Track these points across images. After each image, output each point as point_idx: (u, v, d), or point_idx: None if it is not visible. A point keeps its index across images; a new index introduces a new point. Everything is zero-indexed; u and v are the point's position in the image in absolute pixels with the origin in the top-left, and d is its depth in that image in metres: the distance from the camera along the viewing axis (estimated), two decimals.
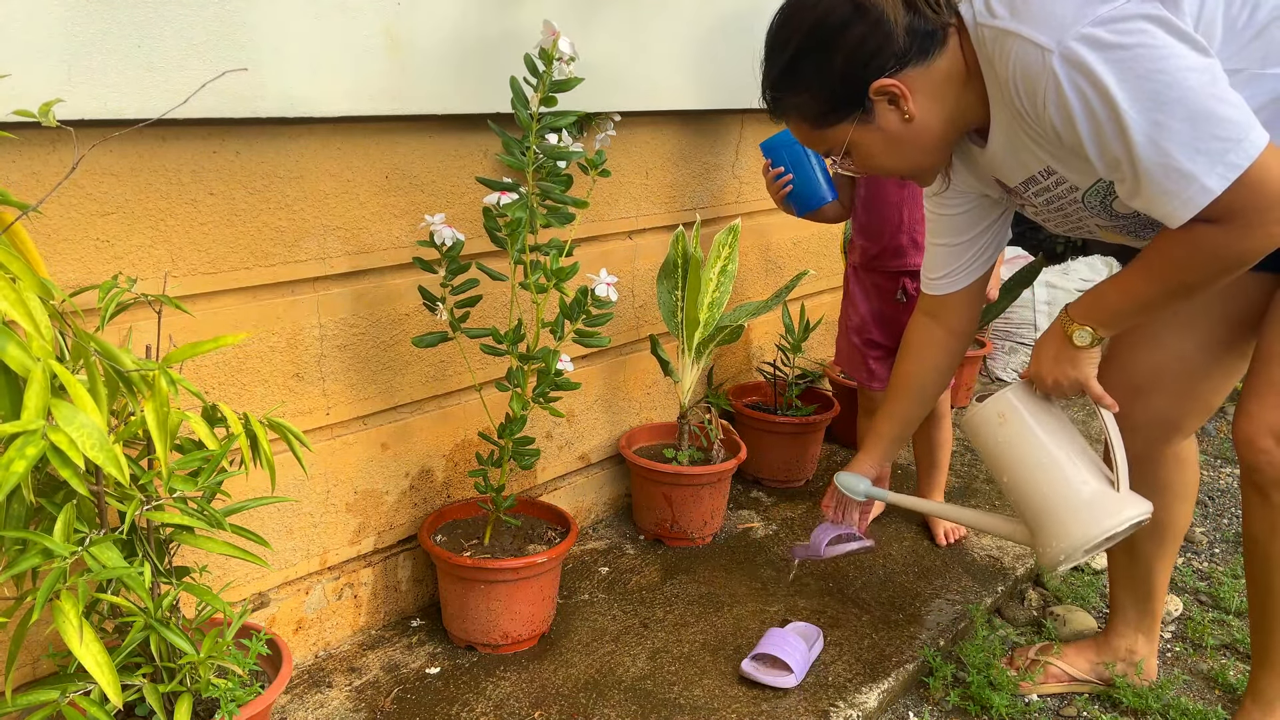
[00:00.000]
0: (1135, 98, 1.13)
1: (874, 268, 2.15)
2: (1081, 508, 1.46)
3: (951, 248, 1.60)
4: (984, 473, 2.64)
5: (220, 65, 1.36)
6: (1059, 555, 1.48)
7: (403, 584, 1.89)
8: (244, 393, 1.55)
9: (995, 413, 1.53)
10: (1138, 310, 1.37)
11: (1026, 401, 1.52)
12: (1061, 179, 1.35)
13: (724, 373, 2.60)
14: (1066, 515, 1.47)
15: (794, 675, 1.70)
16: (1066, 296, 3.40)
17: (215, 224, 1.47)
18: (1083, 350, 1.42)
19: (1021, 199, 1.47)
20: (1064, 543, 1.47)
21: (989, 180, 1.50)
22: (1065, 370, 1.45)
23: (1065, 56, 1.16)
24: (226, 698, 1.22)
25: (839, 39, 1.29)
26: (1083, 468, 1.49)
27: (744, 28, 2.24)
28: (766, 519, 2.35)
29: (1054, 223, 1.49)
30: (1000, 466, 1.55)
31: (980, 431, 1.56)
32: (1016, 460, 1.52)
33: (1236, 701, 1.82)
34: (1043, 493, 1.50)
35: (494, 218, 1.61)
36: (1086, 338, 1.41)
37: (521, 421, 1.71)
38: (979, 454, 1.61)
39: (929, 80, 1.30)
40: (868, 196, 2.10)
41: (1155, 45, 1.13)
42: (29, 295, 0.93)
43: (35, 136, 1.25)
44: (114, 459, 0.93)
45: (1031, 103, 1.22)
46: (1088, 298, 1.41)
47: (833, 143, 1.38)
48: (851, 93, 1.31)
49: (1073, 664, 1.83)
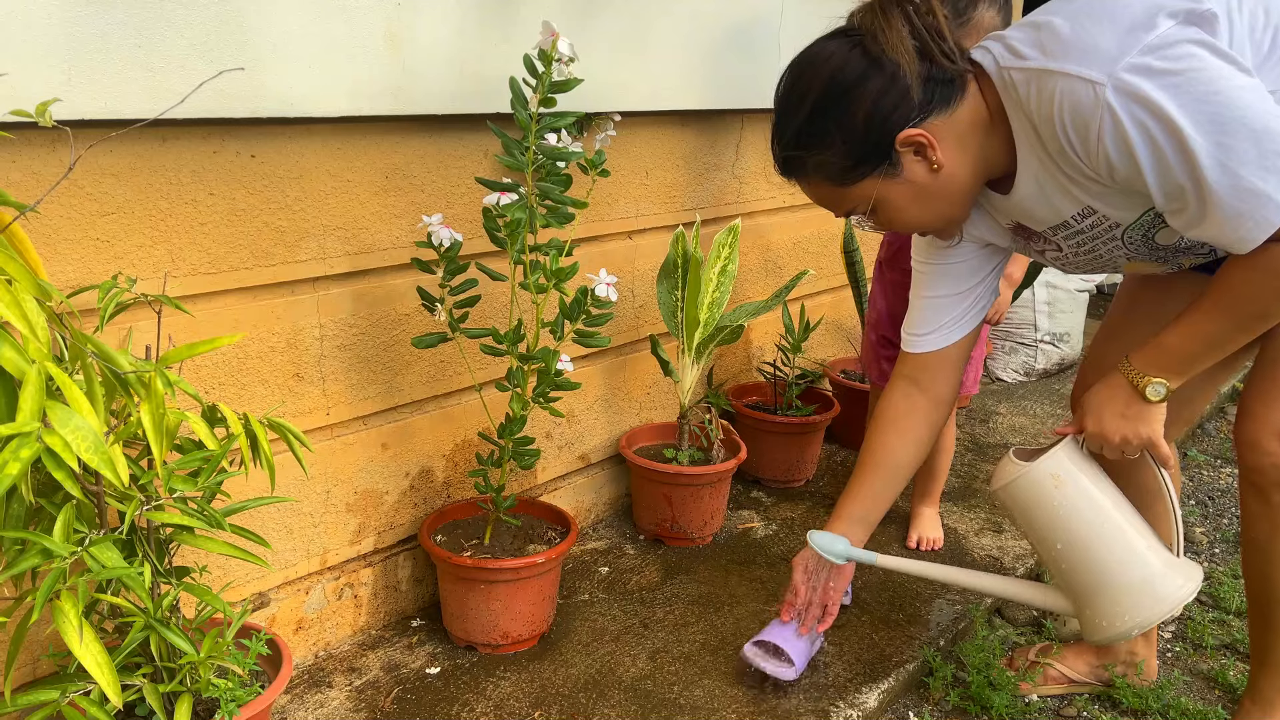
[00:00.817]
0: (1197, 122, 1.12)
1: (895, 264, 2.13)
2: (1153, 581, 1.37)
3: (946, 299, 1.55)
4: (984, 473, 2.64)
5: (220, 65, 1.36)
6: (1128, 630, 1.39)
7: (403, 584, 1.89)
8: (244, 393, 1.55)
9: (1049, 474, 1.42)
10: (1209, 351, 1.31)
11: (1079, 462, 1.42)
12: (1102, 219, 1.32)
13: (724, 373, 2.60)
14: (1137, 589, 1.37)
15: (794, 668, 1.64)
16: (1067, 296, 3.40)
17: (215, 224, 1.47)
18: (1156, 405, 1.35)
19: (1045, 243, 1.43)
20: (1137, 618, 1.37)
21: (1004, 231, 1.46)
22: (1137, 429, 1.36)
23: (1119, 88, 1.14)
24: (226, 698, 1.22)
25: (857, 93, 1.26)
26: (1146, 534, 1.39)
27: (744, 28, 2.25)
28: (766, 519, 2.35)
29: (1077, 264, 1.45)
30: (1054, 535, 1.43)
31: (1029, 495, 1.43)
32: (1075, 527, 1.41)
33: (1236, 701, 1.82)
34: (1107, 564, 1.39)
35: (493, 218, 1.61)
36: (1161, 390, 1.33)
37: (521, 421, 1.71)
38: (1018, 521, 1.48)
39: (953, 129, 1.28)
40: None
41: (1206, 68, 1.12)
42: (25, 297, 0.93)
43: (35, 136, 1.25)
44: (108, 461, 0.93)
45: (1083, 140, 1.19)
46: (1153, 350, 1.34)
47: (857, 200, 1.34)
48: (876, 145, 1.28)
49: (1072, 666, 1.82)
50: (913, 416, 1.60)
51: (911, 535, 2.23)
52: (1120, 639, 1.41)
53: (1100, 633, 1.42)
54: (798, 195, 2.65)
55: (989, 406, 3.15)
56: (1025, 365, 3.44)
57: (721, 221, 2.41)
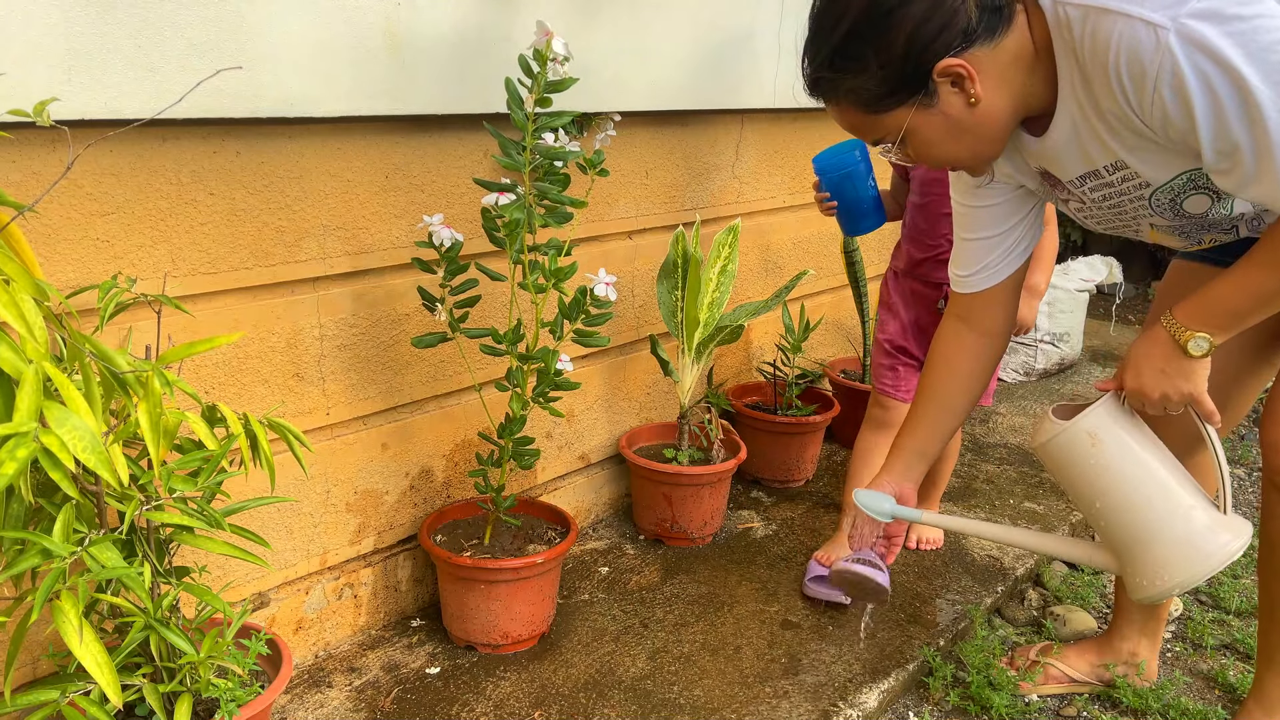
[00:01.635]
0: (1265, 73, 1.05)
1: (916, 275, 2.07)
2: (1196, 537, 1.34)
3: (986, 241, 1.50)
4: (984, 473, 2.64)
5: (220, 65, 1.36)
6: (1171, 588, 1.36)
7: (403, 584, 1.89)
8: (244, 393, 1.55)
9: (1085, 433, 1.38)
10: (1257, 306, 1.25)
11: (1120, 419, 1.38)
12: (1131, 175, 1.26)
13: (724, 373, 2.60)
14: (1181, 546, 1.34)
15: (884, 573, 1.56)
16: (1067, 296, 3.40)
17: (215, 224, 1.47)
18: (1198, 360, 1.29)
19: (1069, 194, 1.38)
20: (1180, 575, 1.34)
21: (1032, 172, 1.41)
22: (1177, 385, 1.31)
23: (1183, 33, 1.06)
24: (226, 698, 1.22)
25: (899, 15, 1.17)
26: (1191, 491, 1.36)
27: (745, 28, 2.24)
28: (766, 519, 2.35)
29: (1101, 220, 1.40)
30: (1093, 492, 1.40)
31: (1067, 453, 1.40)
32: (1114, 485, 1.37)
33: (1236, 701, 1.82)
34: (1145, 521, 1.36)
35: (492, 218, 1.61)
36: (1205, 345, 1.28)
37: (521, 421, 1.71)
38: (1058, 479, 1.46)
39: (995, 62, 1.21)
40: (923, 203, 2.03)
41: (1273, 14, 1.06)
42: (23, 297, 0.93)
43: (34, 136, 1.25)
44: (106, 461, 0.93)
45: (1138, 88, 1.13)
46: (1196, 301, 1.29)
47: (888, 129, 1.27)
48: (913, 74, 1.20)
49: (1073, 665, 1.82)
50: (962, 354, 1.57)
51: (911, 536, 2.23)
52: (1163, 597, 1.38)
53: (1142, 591, 1.39)
54: (798, 195, 2.66)
55: (989, 406, 3.15)
56: (1025, 365, 3.44)
57: (721, 221, 2.41)
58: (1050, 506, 2.45)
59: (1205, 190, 1.25)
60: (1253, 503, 2.70)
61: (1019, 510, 2.43)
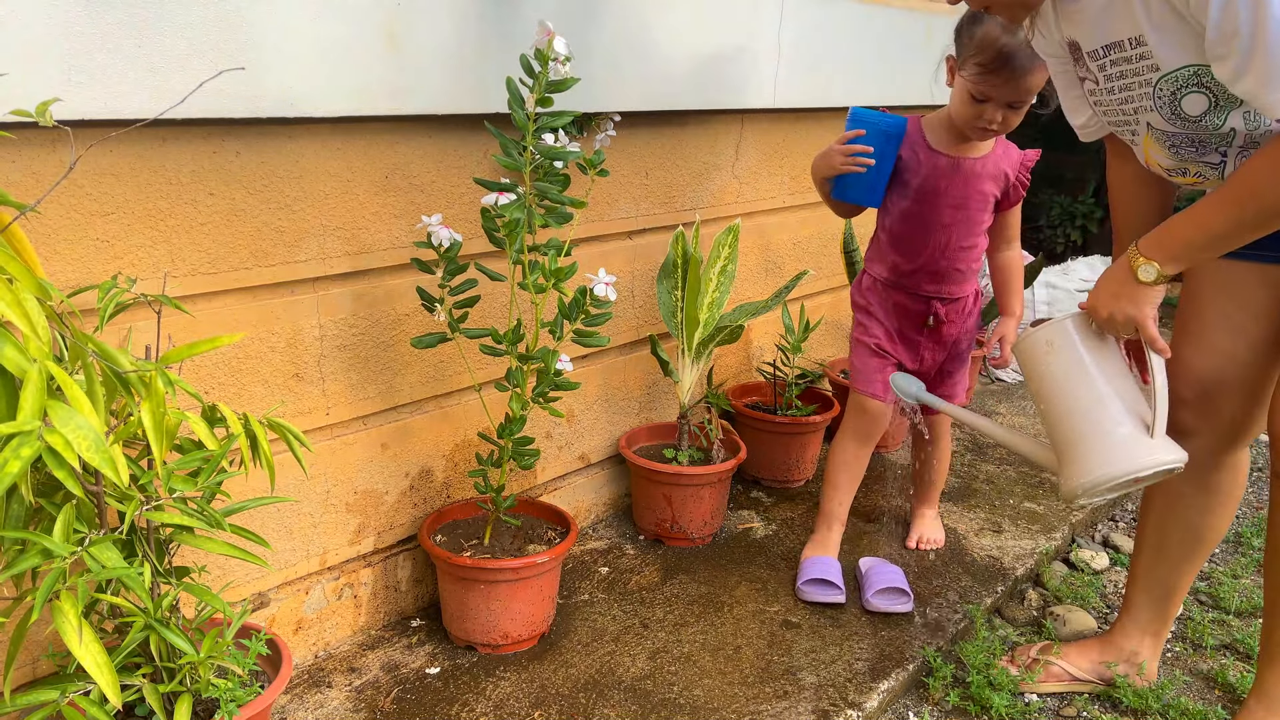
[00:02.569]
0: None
1: (902, 286, 2.00)
2: (1113, 446, 1.44)
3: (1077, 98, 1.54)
4: (984, 473, 2.65)
5: (220, 65, 1.36)
6: (1080, 489, 1.47)
7: (402, 584, 1.89)
8: (244, 393, 1.55)
9: (1044, 340, 1.51)
10: (1209, 242, 1.32)
11: (1079, 333, 1.49)
12: (1146, 54, 1.30)
13: (724, 373, 2.60)
14: (1096, 451, 1.45)
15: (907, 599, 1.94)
16: (1067, 296, 3.41)
17: (215, 224, 1.47)
18: (1145, 286, 1.38)
19: (1088, 71, 1.41)
20: (1087, 477, 1.45)
21: (1060, 43, 1.45)
22: (1123, 307, 1.41)
23: None
24: (226, 698, 1.22)
25: None
26: (1121, 409, 1.46)
27: (745, 28, 2.24)
28: (766, 519, 2.35)
29: (1112, 106, 1.43)
30: (1040, 394, 1.53)
31: (1027, 356, 1.54)
32: (1056, 391, 1.51)
33: (1236, 701, 1.82)
34: (1075, 425, 1.48)
35: (492, 218, 1.61)
36: (1151, 273, 1.36)
37: (521, 421, 1.71)
38: (1024, 378, 1.60)
39: None
40: (915, 211, 1.94)
41: None
42: (26, 296, 0.93)
43: (35, 136, 1.25)
44: (109, 460, 0.93)
45: None
46: (1156, 232, 1.37)
47: None
48: None
49: (1074, 663, 1.82)
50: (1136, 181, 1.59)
51: (912, 536, 2.23)
52: (1087, 494, 1.47)
53: (1066, 488, 1.50)
54: (798, 195, 2.66)
55: (989, 406, 3.16)
56: None
57: (721, 221, 2.41)
58: (1050, 506, 2.46)
59: (1205, 90, 1.27)
60: (1251, 504, 2.70)
61: (1019, 510, 2.43)
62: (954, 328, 2.03)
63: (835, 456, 2.10)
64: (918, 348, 2.04)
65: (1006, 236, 2.04)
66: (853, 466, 2.07)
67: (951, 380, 2.10)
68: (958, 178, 1.91)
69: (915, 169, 1.93)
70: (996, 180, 1.93)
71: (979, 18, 1.74)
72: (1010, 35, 1.70)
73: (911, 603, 1.95)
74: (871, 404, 2.02)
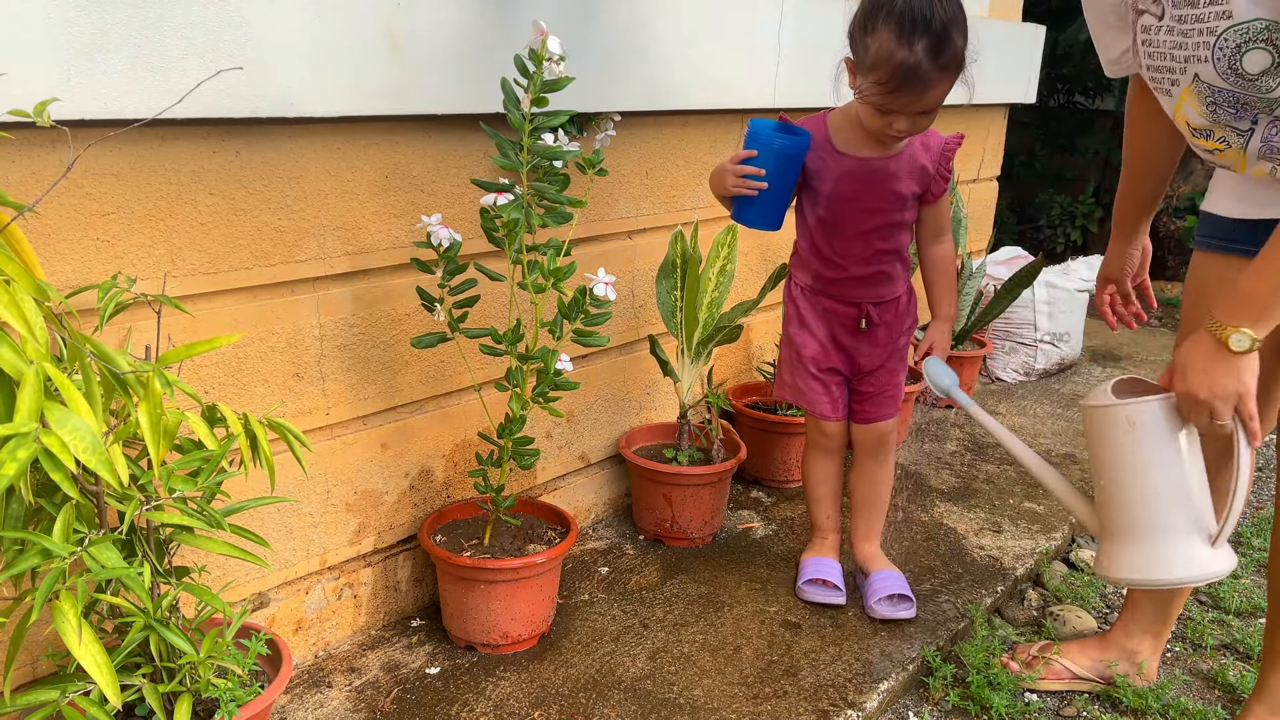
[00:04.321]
0: None
1: (829, 293, 1.88)
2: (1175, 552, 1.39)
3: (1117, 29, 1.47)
4: (984, 473, 2.64)
5: (220, 65, 1.36)
6: (1124, 582, 1.45)
7: (402, 584, 1.89)
8: (244, 393, 1.55)
9: (1125, 418, 1.41)
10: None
11: (1165, 420, 1.39)
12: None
13: (724, 372, 2.60)
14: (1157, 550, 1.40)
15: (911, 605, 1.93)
16: (1067, 296, 3.40)
17: (215, 224, 1.47)
18: (1240, 356, 1.28)
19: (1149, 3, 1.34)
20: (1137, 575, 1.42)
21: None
22: (1223, 383, 1.30)
23: None
24: (226, 698, 1.22)
25: None
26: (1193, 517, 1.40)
27: (745, 28, 2.25)
28: (766, 519, 2.35)
29: (1162, 49, 1.36)
30: (1105, 469, 1.47)
31: (1101, 428, 1.46)
32: (1129, 475, 1.43)
33: (1237, 701, 1.82)
34: (1141, 517, 1.43)
35: (491, 218, 1.61)
36: (1245, 341, 1.27)
37: (521, 421, 1.71)
38: (1088, 440, 1.52)
39: None
40: (830, 219, 1.81)
41: None
42: (23, 297, 0.93)
43: (35, 136, 1.25)
44: (106, 461, 0.93)
45: None
46: (1229, 299, 1.29)
47: None
48: None
49: (1075, 661, 1.82)
50: (1158, 117, 1.53)
51: (869, 593, 1.97)
52: (1118, 584, 1.48)
53: (1101, 568, 1.49)
54: None
55: (989, 406, 3.15)
56: (1025, 365, 3.44)
57: (721, 221, 2.41)
58: (1050, 507, 2.45)
59: (1272, 49, 1.22)
60: (1251, 503, 2.70)
61: (1019, 509, 2.43)
62: (889, 329, 1.90)
63: (808, 474, 2.05)
64: (854, 353, 1.92)
65: (933, 231, 1.88)
66: (827, 480, 2.03)
67: (895, 379, 1.96)
68: (870, 180, 1.77)
69: (824, 176, 1.79)
70: (914, 176, 1.78)
71: (871, 24, 1.60)
72: (906, 49, 1.56)
73: (915, 608, 1.93)
74: (826, 424, 1.96)
